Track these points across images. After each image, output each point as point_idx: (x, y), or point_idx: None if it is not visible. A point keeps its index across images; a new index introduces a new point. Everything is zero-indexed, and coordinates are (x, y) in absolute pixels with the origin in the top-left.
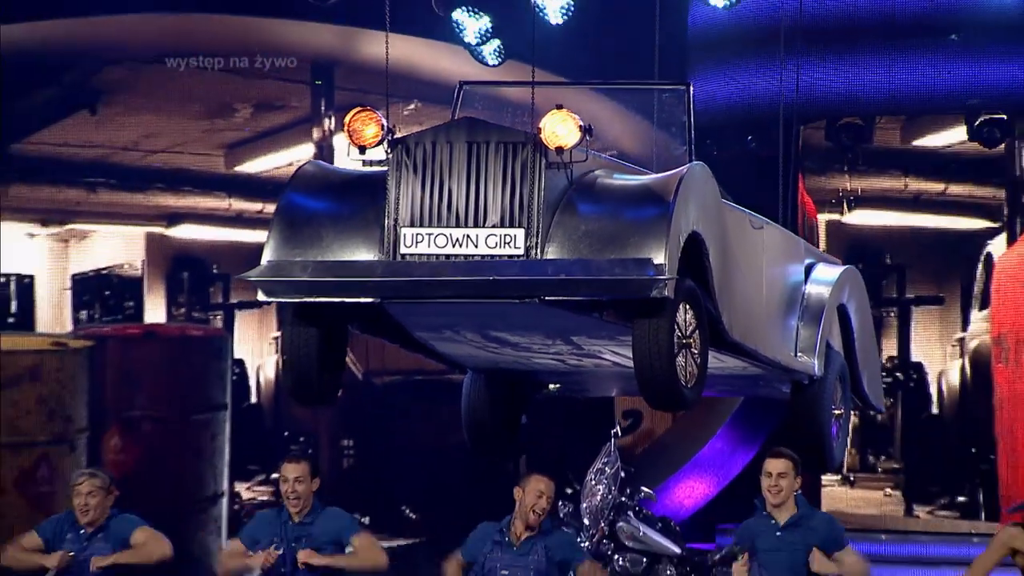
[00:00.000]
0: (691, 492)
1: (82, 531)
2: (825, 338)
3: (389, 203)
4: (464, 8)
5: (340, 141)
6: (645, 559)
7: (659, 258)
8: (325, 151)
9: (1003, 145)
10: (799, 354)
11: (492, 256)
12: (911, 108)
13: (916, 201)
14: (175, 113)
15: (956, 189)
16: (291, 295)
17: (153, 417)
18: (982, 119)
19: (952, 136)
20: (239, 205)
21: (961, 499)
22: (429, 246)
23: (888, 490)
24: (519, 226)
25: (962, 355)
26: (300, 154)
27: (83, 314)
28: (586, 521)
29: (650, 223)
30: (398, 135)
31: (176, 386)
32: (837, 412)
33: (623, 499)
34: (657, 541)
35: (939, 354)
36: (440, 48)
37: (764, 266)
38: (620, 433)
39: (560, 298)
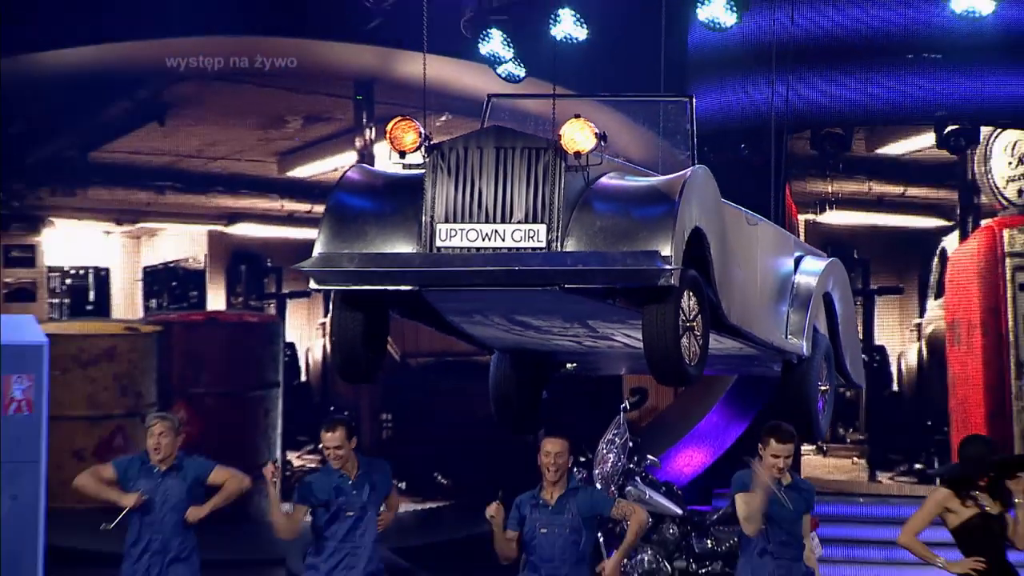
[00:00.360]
0: (690, 460)
1: (155, 470)
2: (812, 322)
3: (426, 202)
4: (489, 31)
5: (380, 148)
6: (651, 519)
7: (666, 250)
8: (367, 158)
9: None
10: (789, 336)
11: (517, 249)
12: (887, 119)
13: (880, 202)
14: (233, 124)
15: (914, 192)
16: (339, 283)
17: (215, 393)
18: (949, 129)
19: (910, 145)
20: (290, 206)
21: (918, 466)
22: (461, 240)
23: (855, 458)
24: (541, 222)
25: (919, 339)
26: (344, 161)
27: (152, 303)
28: (598, 485)
29: (658, 220)
30: (434, 141)
31: (235, 366)
32: (823, 388)
33: (631, 466)
34: (661, 503)
35: (899, 338)
36: (467, 66)
37: (758, 258)
38: (628, 408)
39: (578, 286)
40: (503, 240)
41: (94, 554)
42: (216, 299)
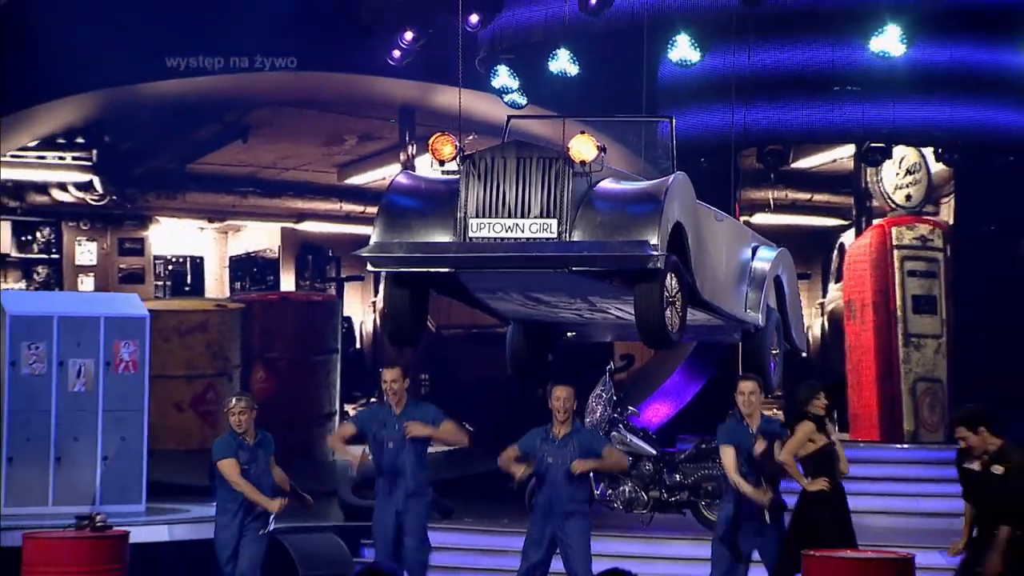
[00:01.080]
0: (657, 412)
1: (244, 442)
2: (766, 299)
3: (460, 201)
4: (498, 67)
5: (420, 161)
6: (631, 458)
7: (654, 240)
8: (410, 168)
9: (850, 160)
10: (748, 310)
11: (534, 238)
12: (818, 139)
13: (793, 206)
14: (302, 142)
15: (819, 197)
16: (391, 266)
17: (286, 358)
18: (867, 146)
19: (816, 160)
20: (347, 207)
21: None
22: (489, 231)
23: (774, 411)
24: (553, 217)
25: (823, 315)
26: (391, 171)
27: (237, 285)
28: None
29: (647, 215)
30: (467, 153)
31: (302, 336)
32: (774, 352)
33: (615, 415)
34: (639, 445)
35: (807, 314)
36: (481, 96)
37: (724, 247)
38: (615, 369)
39: (583, 268)
40: (523, 231)
41: (186, 487)
42: (287, 282)
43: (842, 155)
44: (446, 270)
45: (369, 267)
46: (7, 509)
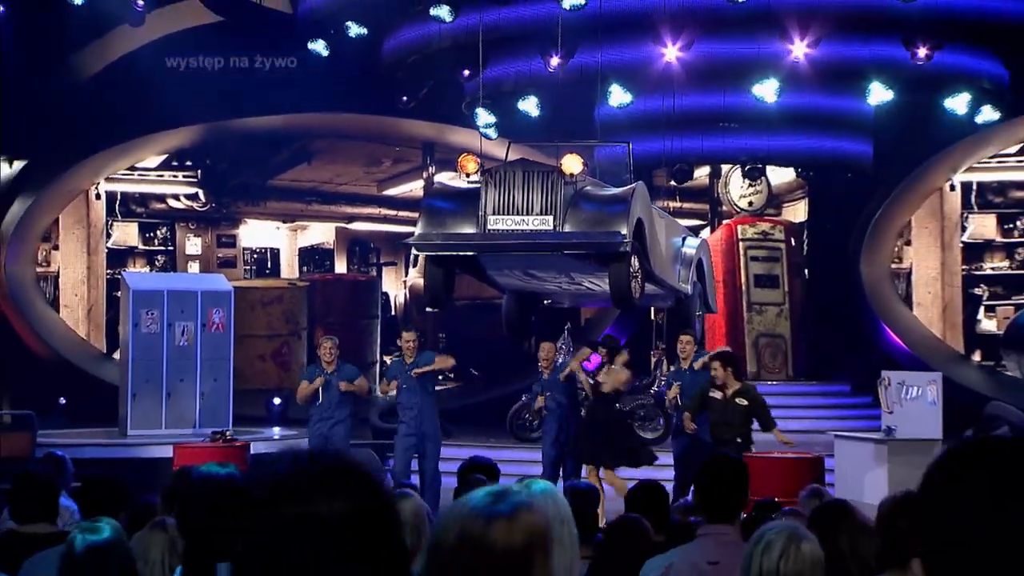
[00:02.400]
0: (595, 359)
1: (327, 371)
2: (692, 275)
3: (481, 203)
4: (479, 109)
5: (438, 177)
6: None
7: (624, 231)
8: (430, 184)
9: (707, 178)
10: (681, 283)
11: (536, 230)
12: (712, 160)
13: (671, 213)
14: (351, 163)
15: (687, 204)
16: (430, 250)
17: (340, 321)
18: (748, 166)
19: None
20: (385, 212)
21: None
22: (502, 225)
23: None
24: (550, 214)
25: None
26: (416, 185)
27: (304, 268)
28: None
29: (619, 213)
30: (486, 168)
31: (352, 306)
32: (698, 314)
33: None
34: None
35: None
36: (464, 131)
37: (666, 237)
38: (571, 327)
39: (572, 251)
40: (527, 225)
41: (260, 418)
42: (340, 266)
43: (700, 175)
44: (471, 254)
45: (414, 252)
46: (132, 430)
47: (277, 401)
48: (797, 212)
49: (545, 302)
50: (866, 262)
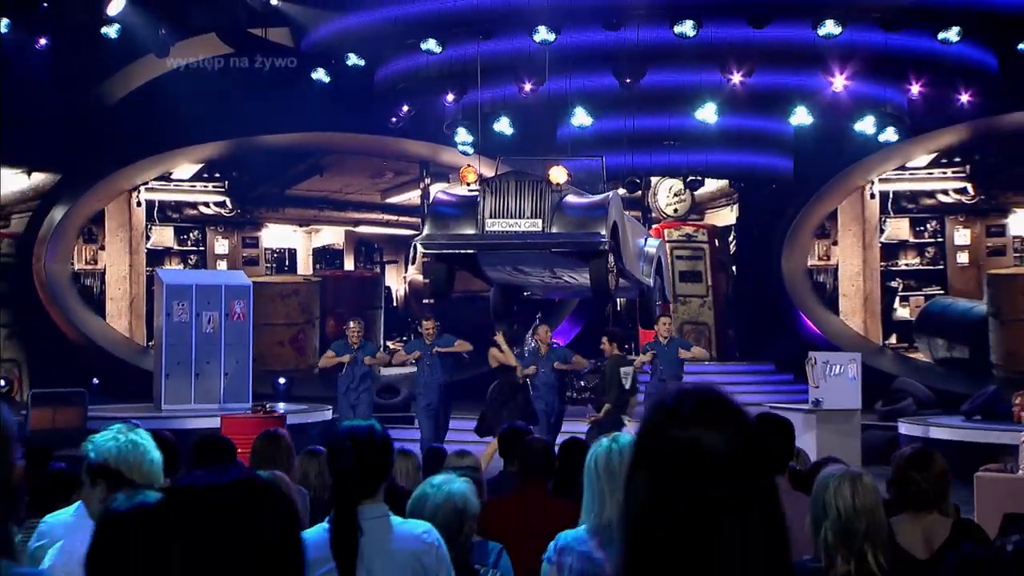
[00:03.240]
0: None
1: (353, 348)
2: (653, 270)
3: (479, 208)
4: (459, 129)
5: (433, 188)
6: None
7: (603, 232)
8: (426, 193)
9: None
10: (644, 277)
11: (527, 231)
12: (662, 173)
13: None
14: (357, 175)
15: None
16: (435, 249)
17: (348, 312)
18: (690, 178)
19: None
20: (387, 218)
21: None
22: (498, 227)
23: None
24: (539, 218)
25: None
26: (414, 194)
27: (317, 266)
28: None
29: (598, 217)
30: (483, 178)
31: (358, 297)
32: (659, 303)
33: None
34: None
35: None
36: (446, 148)
37: (633, 238)
38: (541, 316)
39: (558, 250)
40: (520, 227)
41: (268, 395)
42: (348, 264)
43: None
44: (471, 251)
45: (421, 249)
46: (166, 405)
47: (282, 381)
48: (722, 217)
49: (524, 294)
50: (786, 259)
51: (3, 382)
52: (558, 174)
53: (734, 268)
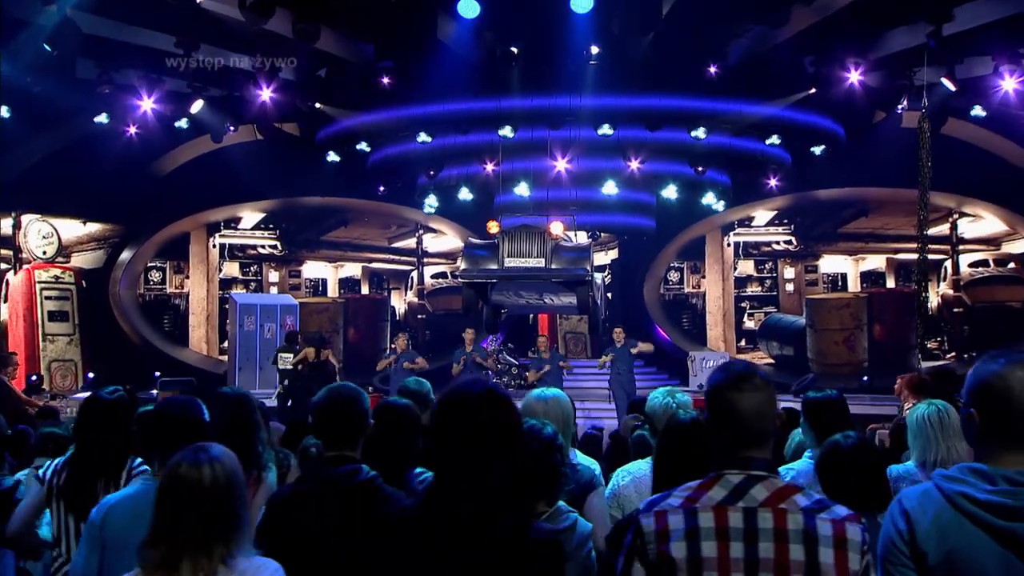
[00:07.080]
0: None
1: (400, 355)
2: (601, 294)
3: (500, 250)
4: (430, 195)
5: (427, 240)
6: (513, 369)
7: (587, 267)
8: (420, 244)
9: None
10: (599, 298)
11: (533, 267)
12: (574, 229)
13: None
14: (371, 227)
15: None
16: (469, 279)
17: (363, 324)
18: (593, 232)
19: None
20: (392, 258)
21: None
22: (513, 263)
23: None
24: (542, 257)
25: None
26: (411, 241)
27: (341, 291)
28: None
29: (584, 257)
30: (503, 228)
31: (370, 315)
32: (603, 317)
33: (500, 348)
34: (512, 361)
35: None
36: (438, 218)
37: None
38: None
39: (556, 279)
40: (528, 264)
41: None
42: (364, 290)
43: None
44: (494, 281)
45: (460, 280)
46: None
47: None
48: (609, 256)
49: (503, 311)
50: (646, 288)
51: (92, 373)
52: (556, 227)
53: (609, 295)
